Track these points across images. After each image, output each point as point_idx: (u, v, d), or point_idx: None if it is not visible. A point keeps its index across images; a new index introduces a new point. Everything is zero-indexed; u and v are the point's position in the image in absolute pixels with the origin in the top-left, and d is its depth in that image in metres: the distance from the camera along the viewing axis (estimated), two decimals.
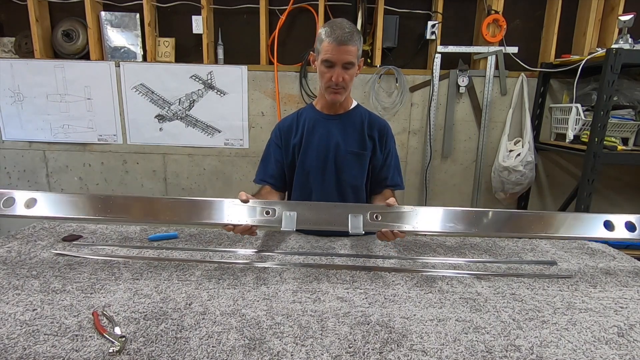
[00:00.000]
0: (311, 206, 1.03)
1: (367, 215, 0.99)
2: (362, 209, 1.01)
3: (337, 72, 1.20)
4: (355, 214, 0.98)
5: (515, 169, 2.27)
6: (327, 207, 1.02)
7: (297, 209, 1.00)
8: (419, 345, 0.70)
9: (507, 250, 1.21)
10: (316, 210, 1.01)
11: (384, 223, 0.98)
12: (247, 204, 1.00)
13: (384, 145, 1.38)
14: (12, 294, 0.85)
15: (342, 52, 1.18)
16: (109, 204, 1.01)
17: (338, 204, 1.05)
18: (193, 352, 0.66)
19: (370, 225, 0.98)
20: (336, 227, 0.97)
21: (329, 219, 0.99)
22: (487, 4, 2.27)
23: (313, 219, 0.99)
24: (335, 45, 1.17)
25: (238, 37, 2.47)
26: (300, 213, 0.99)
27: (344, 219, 0.98)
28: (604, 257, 1.17)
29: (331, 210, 1.01)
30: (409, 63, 2.46)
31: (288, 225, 0.95)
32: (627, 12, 2.00)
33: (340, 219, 0.98)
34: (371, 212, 1.00)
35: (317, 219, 0.99)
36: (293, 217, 0.97)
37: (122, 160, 2.56)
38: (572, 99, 2.15)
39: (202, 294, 0.87)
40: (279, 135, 1.40)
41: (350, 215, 0.98)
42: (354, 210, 1.00)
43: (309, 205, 1.03)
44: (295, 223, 0.96)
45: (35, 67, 2.40)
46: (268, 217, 0.98)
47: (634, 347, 0.71)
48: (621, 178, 2.49)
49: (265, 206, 1.00)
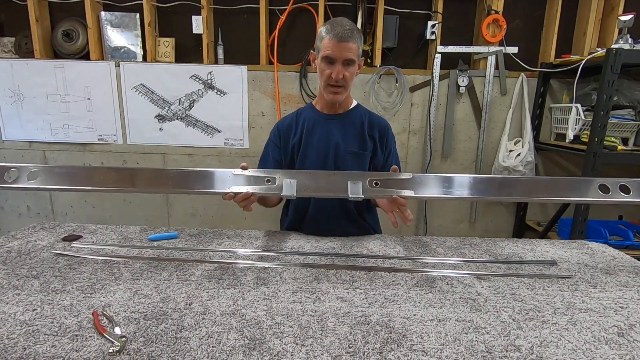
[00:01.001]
0: (311, 174, 1.05)
1: (367, 182, 1.02)
2: (361, 176, 1.04)
3: (337, 69, 1.20)
4: (355, 180, 1.01)
5: (515, 169, 2.27)
6: (326, 175, 1.06)
7: (297, 176, 1.03)
8: (419, 345, 0.70)
9: (507, 250, 1.21)
10: (315, 178, 1.04)
11: (383, 189, 1.01)
12: (247, 172, 1.04)
13: (385, 145, 1.37)
14: (12, 294, 0.85)
15: (342, 49, 1.17)
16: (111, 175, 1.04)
17: (337, 171, 1.08)
18: (193, 352, 0.66)
19: (369, 191, 1.01)
20: (336, 193, 1.00)
21: (329, 187, 1.02)
22: (487, 4, 2.27)
23: (313, 186, 1.02)
24: (336, 41, 1.16)
25: (238, 37, 2.47)
26: (300, 181, 1.02)
27: (344, 185, 1.01)
28: (604, 257, 1.17)
29: (330, 178, 1.04)
30: (409, 63, 2.46)
31: (288, 192, 0.99)
32: (627, 12, 2.00)
33: (340, 186, 1.01)
34: (370, 179, 1.03)
35: (317, 186, 1.02)
36: (293, 185, 1.00)
37: (122, 160, 2.56)
38: (572, 99, 2.15)
39: (202, 294, 0.87)
40: (277, 135, 1.39)
41: (350, 182, 1.01)
42: (353, 178, 1.03)
43: (309, 173, 1.06)
44: (295, 190, 0.99)
45: (35, 67, 2.40)
46: (269, 185, 1.02)
47: (634, 347, 0.71)
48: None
49: (266, 175, 1.04)
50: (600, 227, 2.16)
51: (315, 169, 1.34)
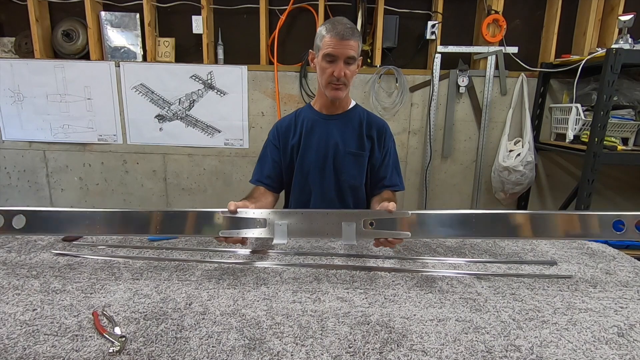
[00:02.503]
0: (303, 215, 0.98)
1: (361, 223, 0.95)
2: (355, 216, 0.96)
3: (339, 67, 1.20)
4: (348, 221, 0.94)
5: (515, 169, 2.27)
6: (319, 215, 0.98)
7: (288, 218, 0.96)
8: (419, 345, 0.70)
9: (507, 250, 1.21)
10: (308, 219, 0.97)
11: (378, 231, 0.94)
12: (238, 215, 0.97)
13: (383, 145, 1.37)
14: (12, 294, 0.85)
15: (344, 47, 1.17)
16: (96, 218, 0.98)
17: (330, 210, 0.99)
18: (193, 352, 0.66)
19: (364, 233, 0.94)
20: (329, 236, 0.93)
21: (322, 229, 0.95)
22: (487, 4, 2.27)
23: (305, 228, 0.95)
24: (338, 39, 1.16)
25: (238, 37, 2.47)
26: (291, 223, 0.95)
27: (338, 227, 0.94)
28: (604, 257, 1.16)
29: (324, 218, 0.97)
30: (409, 63, 2.46)
31: (280, 236, 0.92)
32: (627, 12, 2.00)
33: (334, 228, 0.94)
34: (365, 220, 0.96)
35: (310, 228, 0.95)
36: (284, 228, 0.93)
37: (122, 160, 2.56)
38: (572, 99, 2.15)
39: (202, 294, 0.87)
40: (276, 136, 1.39)
41: (343, 223, 0.94)
42: (347, 218, 0.96)
43: (301, 214, 0.98)
44: (286, 233, 0.93)
45: (35, 67, 2.40)
46: (259, 229, 0.96)
47: (634, 347, 0.71)
48: (621, 178, 2.49)
49: (257, 216, 0.97)
50: None
51: (314, 169, 1.35)
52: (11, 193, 2.65)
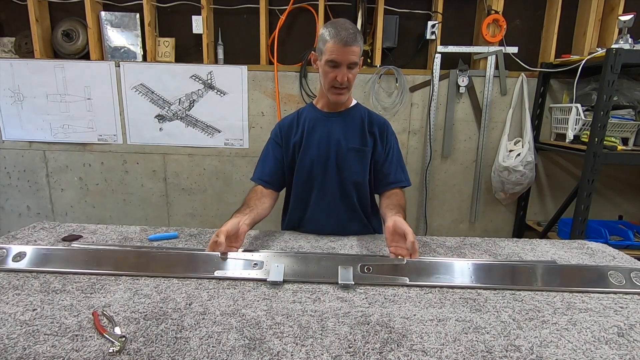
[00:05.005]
0: (299, 258, 1.00)
1: (358, 268, 0.96)
2: (351, 261, 0.98)
3: (342, 72, 1.22)
4: (345, 266, 0.96)
5: (515, 169, 2.28)
6: (316, 259, 1.00)
7: (285, 260, 0.98)
8: (419, 345, 0.70)
9: (507, 250, 1.21)
10: (305, 262, 0.99)
11: (375, 275, 0.96)
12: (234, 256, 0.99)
13: (385, 141, 1.39)
14: (12, 294, 0.85)
15: (347, 53, 1.19)
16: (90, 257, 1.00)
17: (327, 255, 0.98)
18: (193, 352, 0.66)
19: (360, 278, 0.95)
20: (325, 279, 0.94)
21: (318, 271, 0.96)
22: (487, 4, 2.27)
23: (301, 270, 0.96)
24: (341, 46, 1.18)
25: (238, 37, 2.47)
26: (288, 265, 0.97)
27: (334, 271, 0.95)
28: (604, 257, 1.16)
29: (320, 262, 0.98)
30: (409, 63, 2.46)
31: (275, 277, 0.93)
32: (627, 12, 2.00)
33: (330, 271, 0.95)
34: (362, 265, 0.97)
35: (306, 270, 0.97)
36: (280, 270, 0.95)
37: (122, 160, 2.56)
38: (572, 99, 2.16)
39: (202, 294, 0.87)
40: (279, 134, 1.40)
41: (340, 267, 0.95)
42: (343, 262, 0.97)
43: (298, 257, 1.01)
44: (282, 275, 0.94)
45: (35, 67, 2.40)
46: (255, 269, 0.97)
47: (634, 347, 0.71)
48: (621, 178, 2.49)
49: (253, 259, 0.99)
50: (600, 227, 2.16)
51: (316, 166, 1.35)
52: (11, 193, 2.65)
